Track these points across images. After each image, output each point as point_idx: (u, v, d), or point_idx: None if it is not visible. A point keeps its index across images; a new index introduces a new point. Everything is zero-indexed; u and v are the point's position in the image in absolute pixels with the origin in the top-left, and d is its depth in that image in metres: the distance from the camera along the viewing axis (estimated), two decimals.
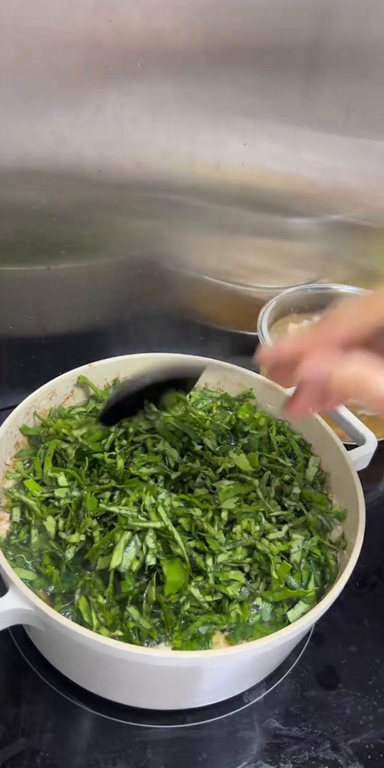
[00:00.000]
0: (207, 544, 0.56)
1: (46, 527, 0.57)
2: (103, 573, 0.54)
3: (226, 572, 0.55)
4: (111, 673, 0.53)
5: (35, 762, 0.53)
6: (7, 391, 0.85)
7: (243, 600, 0.54)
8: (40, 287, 0.83)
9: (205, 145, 0.81)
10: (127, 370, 0.74)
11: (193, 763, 0.54)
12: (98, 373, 0.73)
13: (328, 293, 0.97)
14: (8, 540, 0.58)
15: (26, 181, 0.75)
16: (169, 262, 0.90)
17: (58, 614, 0.48)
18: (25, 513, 0.60)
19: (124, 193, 0.81)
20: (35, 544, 0.57)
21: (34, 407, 0.68)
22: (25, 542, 0.58)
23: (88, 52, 0.69)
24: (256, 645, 0.49)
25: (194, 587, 0.54)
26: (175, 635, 0.52)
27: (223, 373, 0.75)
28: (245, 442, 0.68)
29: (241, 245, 0.93)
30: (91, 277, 0.86)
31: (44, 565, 0.55)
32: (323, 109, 0.84)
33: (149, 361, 0.75)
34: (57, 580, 0.54)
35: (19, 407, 0.66)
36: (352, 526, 0.59)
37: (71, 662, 0.56)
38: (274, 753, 0.55)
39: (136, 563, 0.53)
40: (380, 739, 0.57)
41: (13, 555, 0.57)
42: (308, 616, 0.51)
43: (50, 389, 0.69)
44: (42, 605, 0.48)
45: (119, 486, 0.59)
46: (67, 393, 0.71)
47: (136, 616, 0.52)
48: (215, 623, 0.53)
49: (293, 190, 0.90)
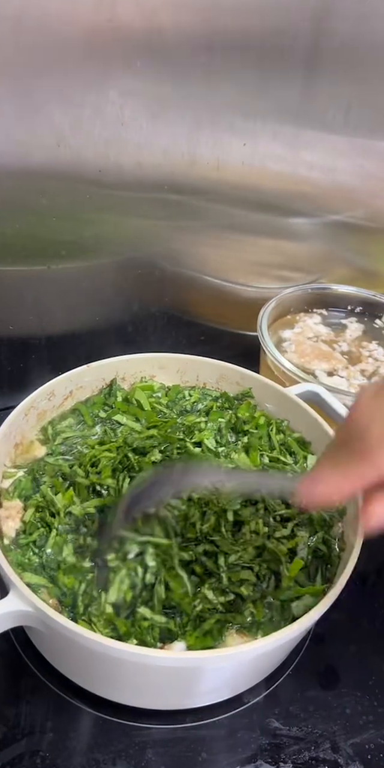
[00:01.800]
0: (217, 545, 0.56)
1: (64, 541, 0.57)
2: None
3: (238, 572, 0.55)
4: (111, 674, 0.53)
5: (35, 762, 0.53)
6: (7, 391, 0.85)
7: (256, 599, 0.54)
8: (40, 287, 0.83)
9: (205, 145, 0.81)
10: (125, 370, 0.74)
11: (193, 763, 0.54)
12: (96, 374, 0.73)
13: (328, 293, 0.97)
14: (17, 539, 0.58)
15: (26, 181, 0.75)
16: (169, 262, 0.90)
17: (60, 615, 0.48)
18: (45, 515, 0.59)
19: (124, 193, 0.81)
20: (52, 545, 0.57)
21: (33, 408, 0.68)
22: (37, 543, 0.57)
23: (88, 52, 0.69)
24: (256, 645, 0.49)
25: (208, 589, 0.54)
26: (189, 633, 0.52)
27: (221, 372, 0.75)
28: (246, 442, 0.68)
29: (241, 245, 0.93)
30: (91, 277, 0.86)
31: (64, 574, 0.55)
32: (323, 109, 0.84)
33: (146, 362, 0.75)
34: (76, 589, 0.54)
35: (18, 408, 0.65)
36: (352, 526, 0.59)
37: (72, 662, 0.56)
38: (274, 753, 0.55)
39: (129, 594, 0.53)
40: (380, 739, 0.57)
41: (19, 556, 0.56)
42: (309, 616, 0.51)
43: (49, 390, 0.69)
44: (44, 606, 0.48)
45: None
46: (66, 393, 0.71)
47: (149, 615, 0.52)
48: (229, 621, 0.53)
49: (293, 190, 0.90)
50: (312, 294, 0.97)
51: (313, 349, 0.88)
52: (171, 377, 0.76)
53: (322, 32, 0.77)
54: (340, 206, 0.94)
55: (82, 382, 0.72)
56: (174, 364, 0.75)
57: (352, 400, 0.69)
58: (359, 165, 0.90)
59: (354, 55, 0.80)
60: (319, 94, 0.82)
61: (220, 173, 0.84)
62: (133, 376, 0.75)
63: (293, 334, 0.91)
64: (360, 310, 0.97)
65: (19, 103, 0.70)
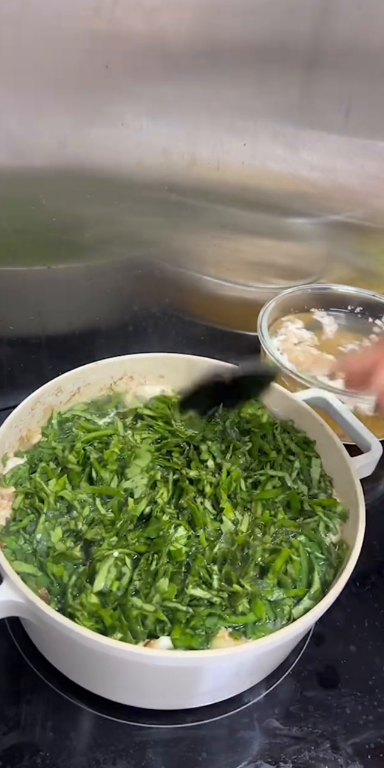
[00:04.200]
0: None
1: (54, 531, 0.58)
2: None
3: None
4: (111, 673, 0.53)
5: (35, 762, 0.53)
6: (7, 391, 0.85)
7: (256, 594, 0.54)
8: (40, 287, 0.83)
9: (205, 145, 0.81)
10: (134, 369, 0.74)
11: (193, 763, 0.54)
12: (104, 372, 0.73)
13: (328, 293, 0.97)
14: (8, 527, 0.58)
15: (26, 181, 0.75)
16: (169, 262, 0.90)
17: (48, 607, 0.48)
18: (34, 501, 0.60)
19: (124, 193, 0.81)
20: (42, 530, 0.57)
21: (39, 403, 0.68)
22: (27, 530, 0.58)
23: (89, 53, 0.69)
24: (256, 645, 0.49)
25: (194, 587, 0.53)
26: (175, 629, 0.51)
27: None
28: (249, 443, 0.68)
29: (241, 245, 0.93)
30: (91, 277, 0.86)
31: (53, 563, 0.55)
32: (323, 109, 0.84)
33: (155, 362, 0.75)
34: (66, 580, 0.54)
35: (24, 402, 0.66)
36: (352, 526, 0.59)
37: (69, 660, 0.56)
38: (274, 753, 0.55)
39: (116, 584, 0.53)
40: (380, 739, 0.57)
41: (13, 543, 0.57)
42: (309, 615, 0.51)
43: (56, 386, 0.69)
44: (34, 598, 0.48)
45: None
46: (74, 390, 0.71)
47: (139, 604, 0.52)
48: (222, 618, 0.52)
49: (293, 190, 0.90)
50: (312, 294, 0.97)
51: (306, 357, 0.88)
52: (180, 378, 0.75)
53: (322, 32, 0.77)
54: (340, 206, 0.94)
55: (89, 380, 0.72)
56: (184, 365, 0.75)
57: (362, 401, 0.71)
58: (359, 165, 0.90)
59: (354, 55, 0.80)
60: (319, 94, 0.82)
61: (220, 173, 0.84)
62: (141, 375, 0.75)
63: (279, 342, 0.91)
64: (360, 310, 0.97)
65: (19, 104, 0.70)
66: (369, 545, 0.56)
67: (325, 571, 0.58)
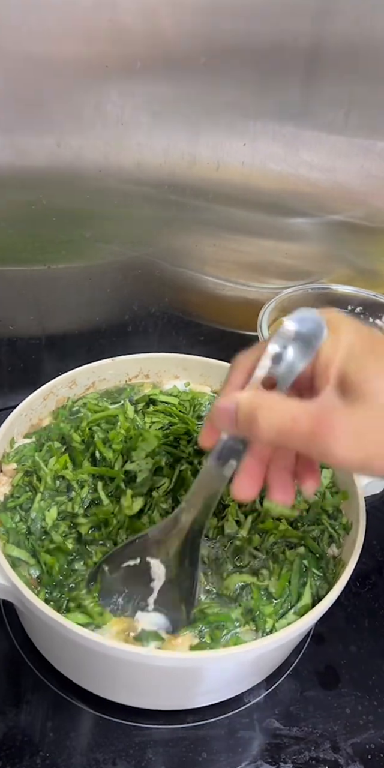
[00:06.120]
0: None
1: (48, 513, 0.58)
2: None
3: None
4: (110, 673, 0.53)
5: (35, 762, 0.53)
6: (7, 391, 0.86)
7: (261, 587, 0.54)
8: (40, 287, 0.83)
9: (205, 145, 0.81)
10: (149, 368, 0.75)
11: (193, 763, 0.54)
12: (120, 368, 0.73)
13: (328, 293, 0.97)
14: (5, 503, 0.58)
15: (26, 181, 0.75)
16: (169, 262, 0.90)
17: (35, 596, 0.48)
18: (32, 479, 0.60)
19: (124, 193, 0.81)
20: (37, 509, 0.57)
21: (52, 393, 0.68)
22: (24, 507, 0.58)
23: (88, 52, 0.69)
24: (256, 645, 0.49)
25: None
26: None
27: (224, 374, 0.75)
28: None
29: (241, 245, 0.93)
30: (91, 277, 0.86)
31: (46, 552, 0.55)
32: (323, 109, 0.84)
33: (170, 362, 0.75)
34: (56, 571, 0.54)
35: (37, 391, 0.66)
36: (351, 543, 0.58)
37: (66, 658, 0.56)
38: (274, 753, 0.55)
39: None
40: (380, 739, 0.57)
41: (9, 520, 0.57)
42: (309, 616, 0.51)
43: (71, 378, 0.70)
44: (21, 586, 0.48)
45: None
46: (88, 384, 0.72)
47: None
48: (224, 621, 0.53)
49: (293, 190, 0.90)
50: (312, 294, 0.97)
51: None
52: (194, 379, 0.76)
53: (322, 32, 0.77)
54: (340, 206, 0.93)
55: (105, 375, 0.73)
56: (198, 367, 0.75)
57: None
58: (359, 165, 0.90)
59: (354, 55, 0.80)
60: (319, 94, 0.82)
61: (220, 173, 0.84)
62: (156, 374, 0.75)
63: None
64: (360, 310, 0.97)
65: (19, 103, 0.70)
66: (369, 545, 0.56)
67: (318, 585, 0.56)
